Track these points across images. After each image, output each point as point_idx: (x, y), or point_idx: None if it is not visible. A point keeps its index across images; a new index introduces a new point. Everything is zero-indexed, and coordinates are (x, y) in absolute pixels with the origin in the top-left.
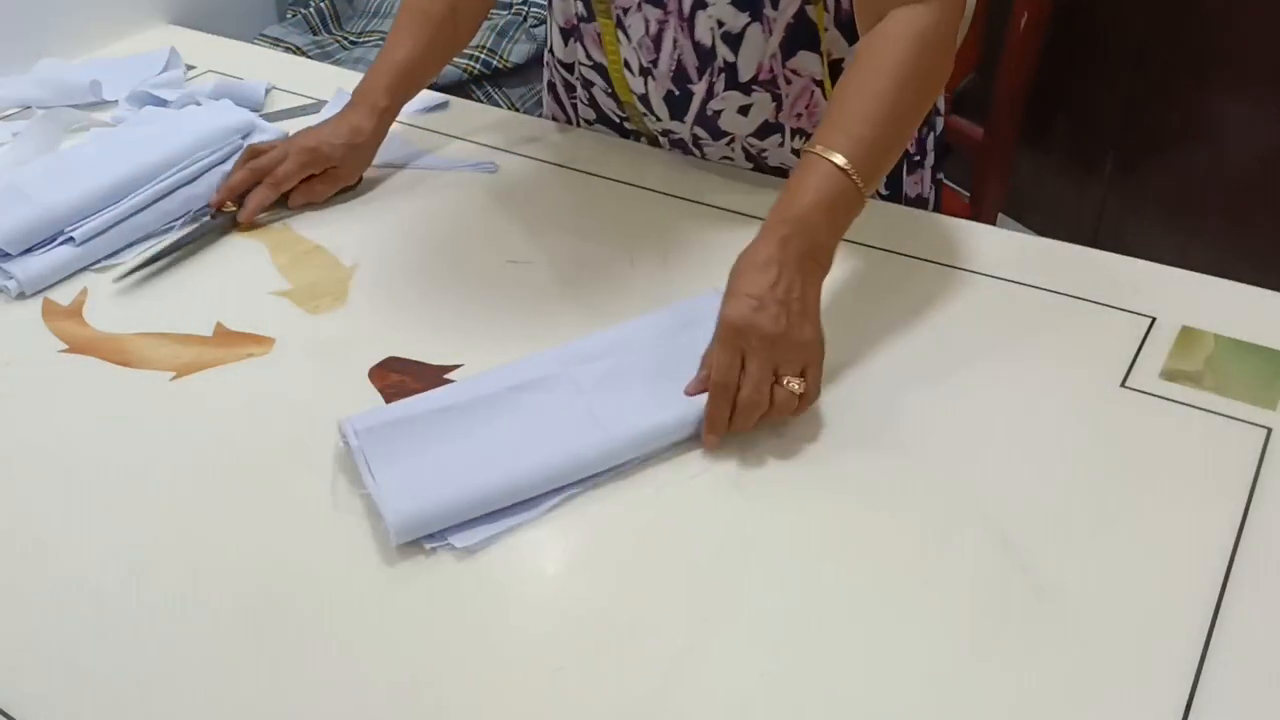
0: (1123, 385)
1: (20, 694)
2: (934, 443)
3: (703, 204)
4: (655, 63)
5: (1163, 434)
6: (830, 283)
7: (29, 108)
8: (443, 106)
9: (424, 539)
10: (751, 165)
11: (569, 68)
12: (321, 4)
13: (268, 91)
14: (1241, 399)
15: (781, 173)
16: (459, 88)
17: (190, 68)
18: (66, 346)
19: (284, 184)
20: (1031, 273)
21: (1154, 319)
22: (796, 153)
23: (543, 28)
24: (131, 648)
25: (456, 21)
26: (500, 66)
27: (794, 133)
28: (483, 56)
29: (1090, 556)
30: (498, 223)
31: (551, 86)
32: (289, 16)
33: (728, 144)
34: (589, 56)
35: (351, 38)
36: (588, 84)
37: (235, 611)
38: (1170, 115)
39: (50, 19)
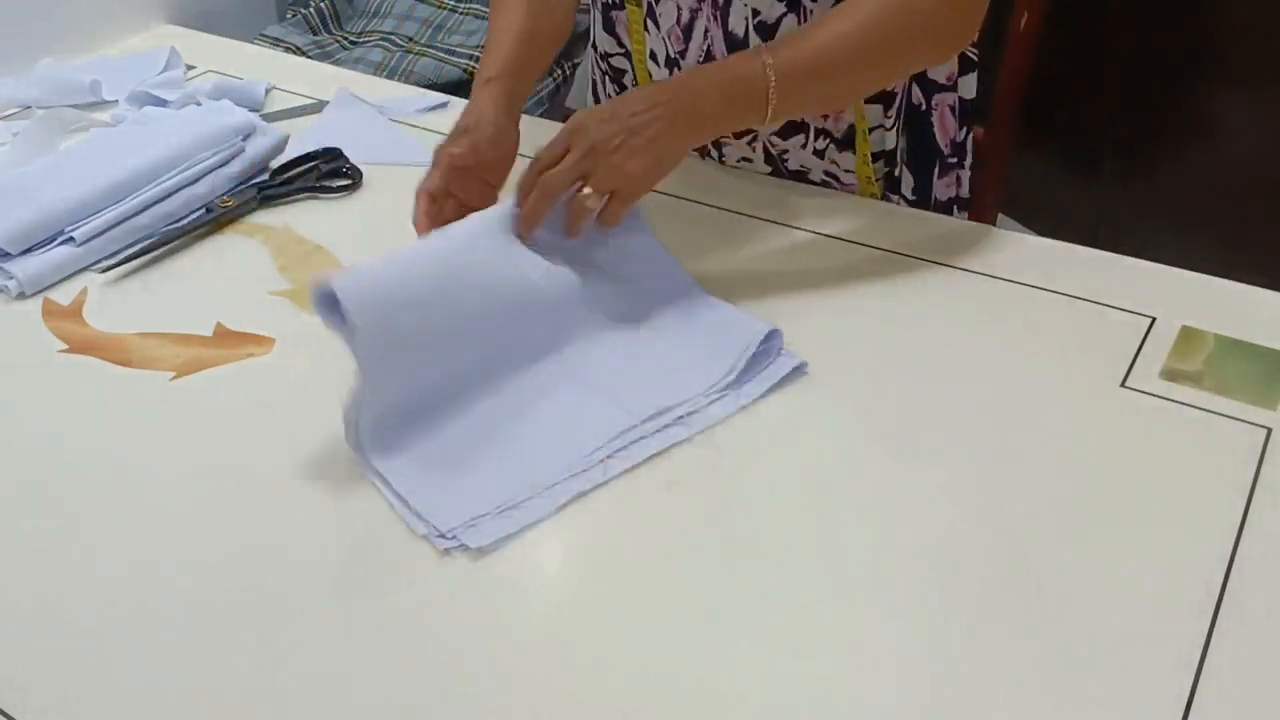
0: (1123, 385)
1: (20, 694)
2: (934, 442)
3: (703, 204)
4: (683, 54)
5: (1163, 434)
6: (830, 281)
7: (29, 108)
8: (442, 106)
9: (436, 538)
10: (770, 169)
11: (606, 58)
12: (321, 4)
13: (268, 91)
14: (1241, 399)
15: (800, 176)
16: (459, 88)
17: (190, 68)
18: (66, 346)
19: (435, 191)
20: (1031, 273)
21: (1154, 319)
22: (818, 154)
23: None
24: (132, 648)
25: (550, 3)
26: None
27: (818, 133)
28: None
29: (1090, 556)
30: None
31: (593, 85)
32: (289, 16)
33: (749, 143)
34: (621, 44)
35: (351, 38)
36: (618, 73)
37: (236, 611)
38: (1170, 115)
39: (50, 19)
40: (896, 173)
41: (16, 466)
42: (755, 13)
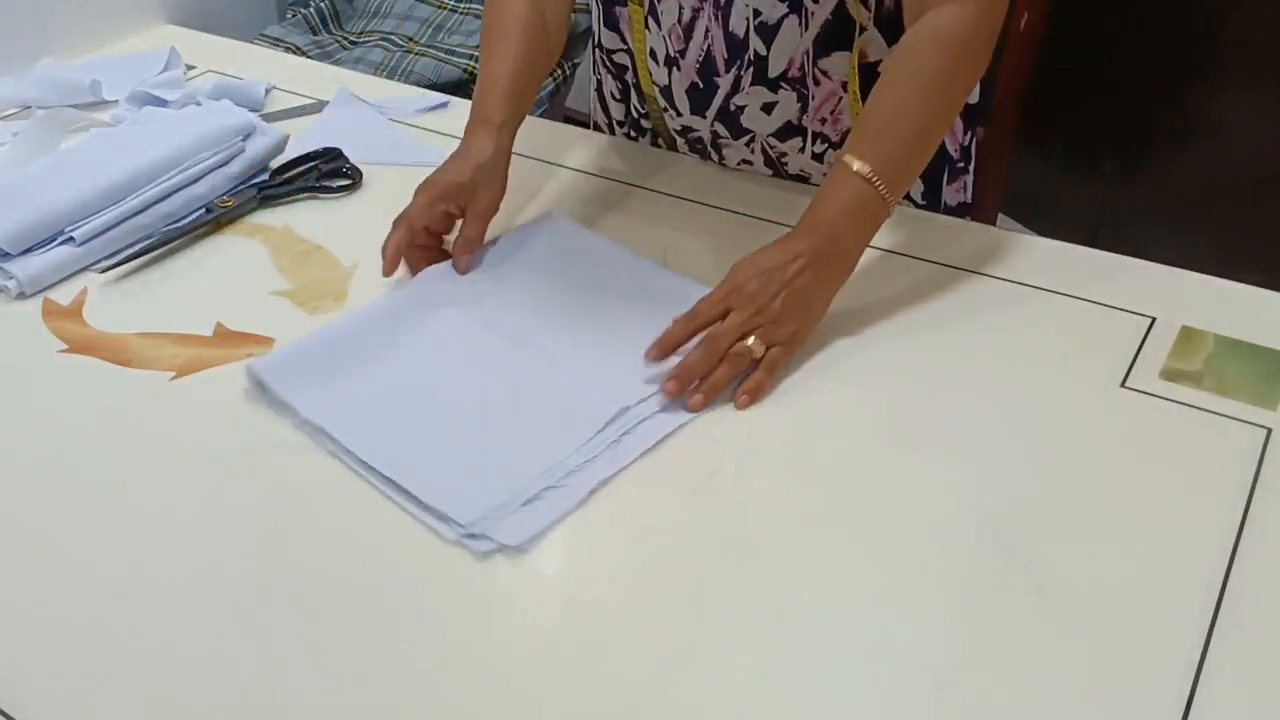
0: (1123, 385)
1: (20, 694)
2: (934, 442)
3: (704, 204)
4: (683, 53)
5: (1163, 434)
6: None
7: (29, 108)
8: (443, 106)
9: (467, 539)
10: (771, 172)
11: (609, 55)
12: (321, 4)
13: (268, 91)
14: (1241, 399)
15: (801, 181)
16: (459, 88)
17: (190, 68)
18: (66, 346)
19: (415, 221)
20: (1031, 273)
21: (1154, 319)
22: (817, 158)
23: None
24: (132, 647)
25: (546, 24)
26: None
27: (815, 137)
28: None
29: (1090, 556)
30: (497, 223)
31: (597, 82)
32: (289, 16)
33: (748, 143)
34: (624, 40)
35: (352, 38)
36: (620, 69)
37: (236, 611)
38: (1170, 115)
39: (50, 19)
40: None
41: (16, 466)
42: (756, 13)
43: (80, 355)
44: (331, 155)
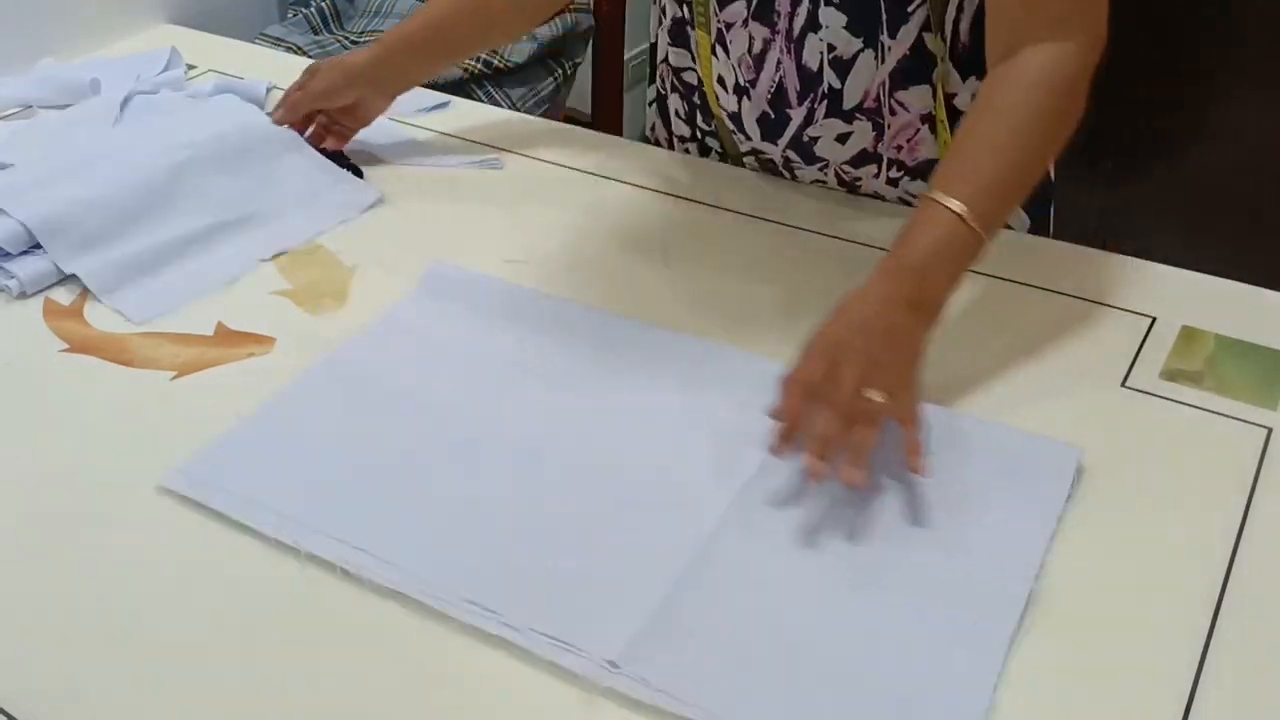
0: (1123, 385)
1: (20, 694)
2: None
3: (704, 204)
4: (754, 83)
5: (1163, 434)
6: (833, 282)
7: (29, 107)
8: (443, 106)
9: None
10: (844, 190)
11: (678, 73)
12: (322, 4)
13: (268, 91)
14: (1241, 399)
15: (875, 198)
16: (459, 87)
17: (191, 67)
18: (67, 346)
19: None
20: (1032, 273)
21: (1154, 319)
22: (892, 183)
23: (543, 28)
24: (132, 647)
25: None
26: (500, 66)
27: (891, 164)
28: (483, 56)
29: (1090, 555)
30: (498, 223)
31: (660, 99)
32: (289, 16)
33: (820, 169)
34: (694, 60)
35: (352, 37)
36: (690, 89)
37: (237, 610)
38: (1171, 115)
39: (50, 19)
40: None
41: (17, 466)
42: (831, 48)
43: (81, 355)
44: (332, 155)
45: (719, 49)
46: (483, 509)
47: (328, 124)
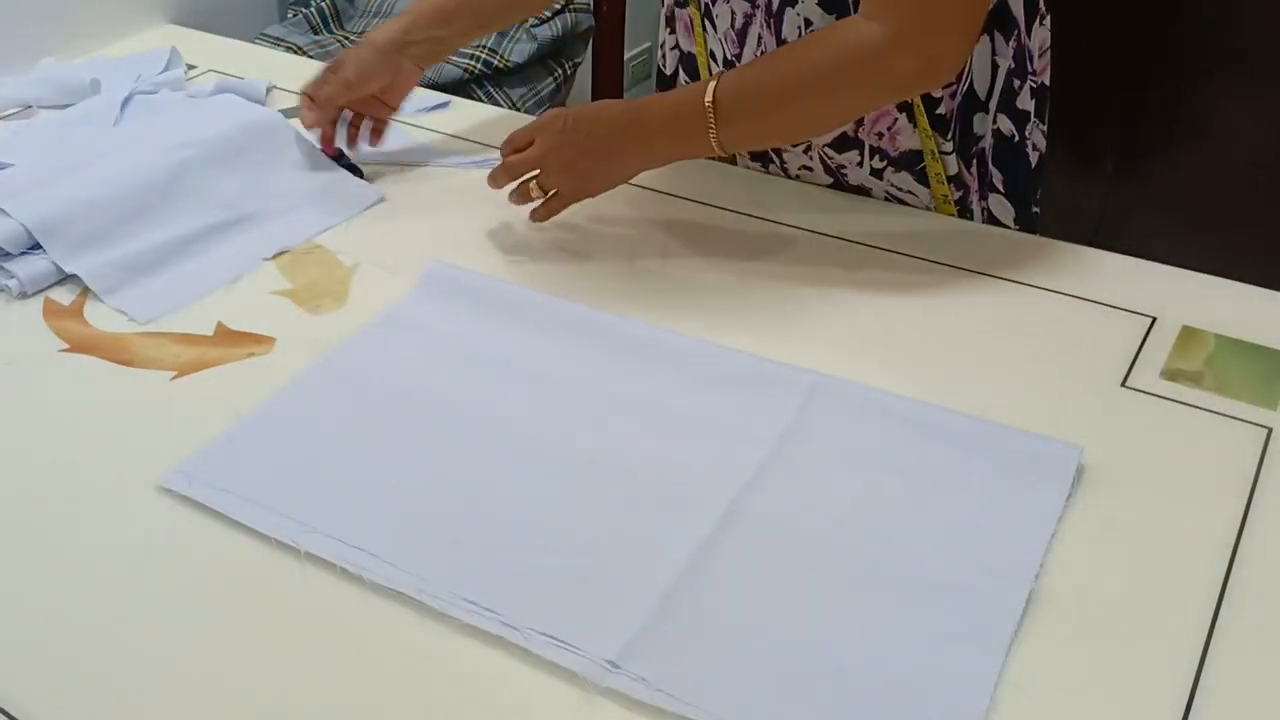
0: (1123, 385)
1: (20, 694)
2: None
3: (704, 203)
4: (739, 57)
5: (1163, 434)
6: (831, 281)
7: (29, 107)
8: (443, 106)
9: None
10: (831, 181)
11: (680, 50)
12: (322, 3)
13: (268, 91)
14: (1241, 399)
15: (862, 191)
16: (459, 87)
17: (191, 67)
18: (67, 346)
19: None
20: (1031, 273)
21: (1154, 319)
22: (876, 174)
23: (544, 28)
24: (132, 647)
25: None
26: (501, 66)
27: (874, 152)
28: (483, 56)
29: (1090, 556)
30: (498, 223)
31: (658, 75)
32: (290, 16)
33: (805, 151)
34: (678, 45)
35: (353, 37)
36: (690, 59)
37: (237, 610)
38: (1170, 115)
39: (50, 19)
40: (970, 200)
41: (17, 466)
42: (808, 22)
43: (81, 355)
44: (332, 155)
45: (707, 23)
46: (482, 508)
47: (357, 121)
